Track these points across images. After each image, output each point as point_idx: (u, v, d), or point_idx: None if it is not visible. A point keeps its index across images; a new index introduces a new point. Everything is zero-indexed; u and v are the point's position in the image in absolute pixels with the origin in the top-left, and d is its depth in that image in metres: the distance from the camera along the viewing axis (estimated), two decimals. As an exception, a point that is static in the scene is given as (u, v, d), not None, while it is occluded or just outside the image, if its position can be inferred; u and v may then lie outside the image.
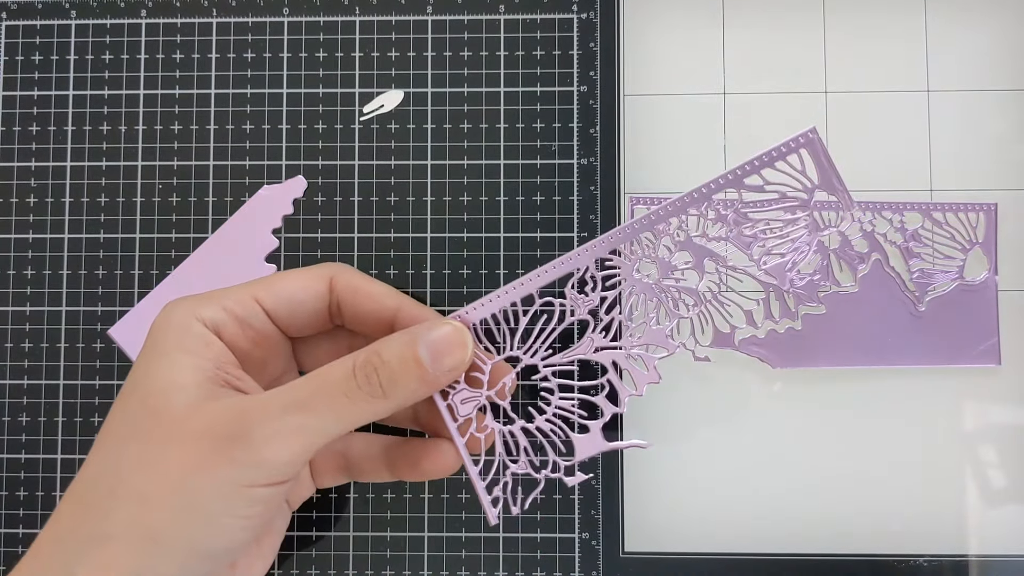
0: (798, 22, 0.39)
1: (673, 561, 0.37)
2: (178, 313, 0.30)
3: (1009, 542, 0.37)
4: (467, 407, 0.31)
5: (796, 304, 0.38)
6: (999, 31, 0.39)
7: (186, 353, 0.29)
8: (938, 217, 0.38)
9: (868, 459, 0.38)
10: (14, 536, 0.38)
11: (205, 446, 0.27)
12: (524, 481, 0.32)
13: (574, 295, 0.32)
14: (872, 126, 0.39)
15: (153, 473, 0.27)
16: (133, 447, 0.28)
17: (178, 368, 0.29)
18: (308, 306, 0.32)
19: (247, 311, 0.31)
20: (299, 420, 0.28)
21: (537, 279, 0.31)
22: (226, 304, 0.31)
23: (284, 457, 0.28)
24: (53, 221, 0.40)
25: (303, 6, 0.40)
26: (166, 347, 0.29)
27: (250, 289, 0.31)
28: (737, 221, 0.33)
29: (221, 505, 0.27)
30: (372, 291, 0.32)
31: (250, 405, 0.28)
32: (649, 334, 0.33)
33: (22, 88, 0.40)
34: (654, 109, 0.39)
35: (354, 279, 0.32)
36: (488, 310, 0.31)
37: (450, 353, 0.30)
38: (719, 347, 0.38)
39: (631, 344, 0.32)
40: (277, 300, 0.31)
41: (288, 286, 0.31)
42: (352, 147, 0.39)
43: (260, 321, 0.31)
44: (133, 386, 0.29)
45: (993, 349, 0.37)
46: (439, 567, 0.38)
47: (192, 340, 0.30)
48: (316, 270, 0.32)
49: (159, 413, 0.28)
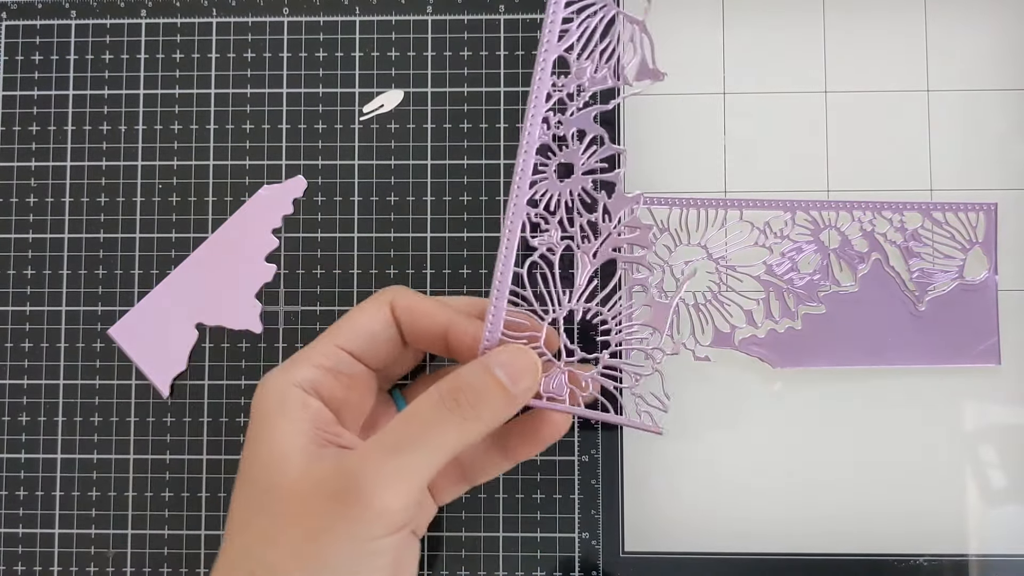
0: (798, 22, 0.39)
1: (673, 561, 0.37)
2: (272, 383, 0.32)
3: (1009, 542, 0.37)
4: (553, 382, 0.32)
5: (796, 304, 0.38)
6: (999, 31, 0.39)
7: (286, 420, 0.31)
8: (938, 217, 0.38)
9: (868, 459, 0.38)
10: (14, 536, 0.39)
11: (319, 509, 0.29)
12: (644, 391, 0.33)
13: (548, 238, 0.33)
14: (872, 126, 0.39)
15: (281, 547, 0.29)
16: (257, 523, 0.29)
17: (280, 437, 0.30)
18: (383, 335, 0.33)
19: (335, 360, 0.32)
20: (401, 462, 0.29)
21: (506, 270, 0.32)
22: (315, 361, 0.32)
23: (397, 503, 0.28)
24: (53, 221, 0.40)
25: (303, 6, 0.40)
26: (267, 419, 0.31)
27: (330, 338, 0.33)
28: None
29: (349, 564, 0.28)
30: (425, 308, 0.33)
31: (353, 459, 0.29)
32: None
33: (22, 88, 0.40)
34: (653, 109, 0.39)
35: (409, 299, 0.33)
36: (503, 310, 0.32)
37: (524, 373, 0.31)
38: (719, 347, 0.38)
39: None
40: (356, 339, 0.33)
41: (361, 322, 0.33)
42: (352, 147, 0.39)
43: (348, 365, 0.33)
44: (247, 463, 0.31)
45: (993, 349, 0.37)
46: (439, 567, 0.38)
47: (290, 406, 0.31)
48: (378, 298, 0.33)
49: (272, 486, 0.30)
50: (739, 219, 0.38)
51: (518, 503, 0.38)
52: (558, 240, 0.32)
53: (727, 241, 0.38)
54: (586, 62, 0.32)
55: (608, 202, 0.32)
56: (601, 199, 0.32)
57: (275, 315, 0.39)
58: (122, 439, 0.39)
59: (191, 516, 0.38)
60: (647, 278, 0.34)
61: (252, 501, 0.30)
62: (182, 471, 0.39)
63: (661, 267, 0.38)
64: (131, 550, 0.38)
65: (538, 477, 0.38)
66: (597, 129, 0.32)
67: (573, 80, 0.32)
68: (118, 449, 0.39)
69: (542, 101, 0.31)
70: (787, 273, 0.38)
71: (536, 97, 0.31)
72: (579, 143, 0.32)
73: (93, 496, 0.38)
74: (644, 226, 0.33)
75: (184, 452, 0.39)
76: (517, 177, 0.32)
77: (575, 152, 0.32)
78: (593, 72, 0.31)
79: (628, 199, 0.32)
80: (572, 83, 0.32)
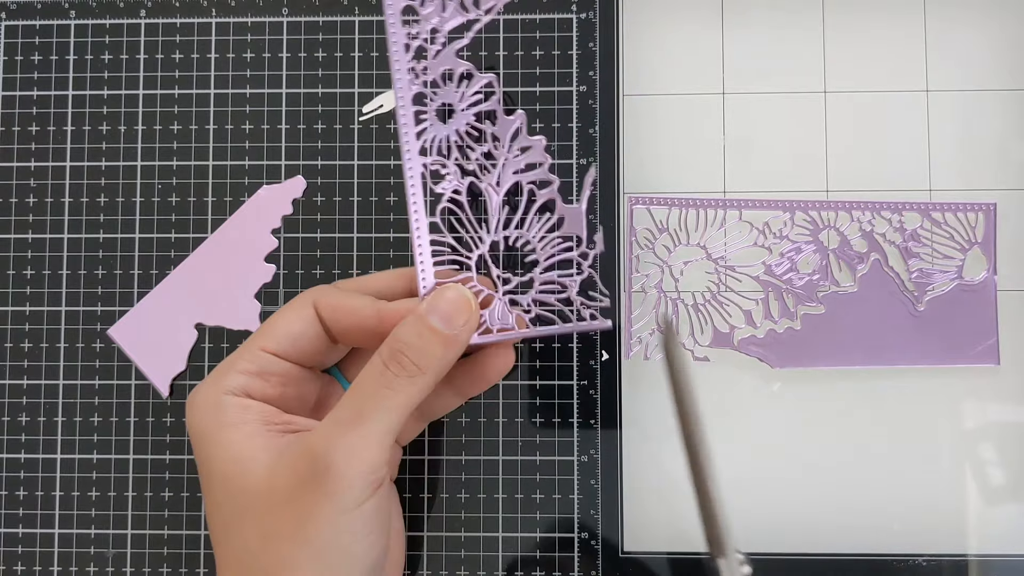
0: (798, 22, 0.39)
1: (672, 561, 0.37)
2: (203, 398, 0.32)
3: (1009, 542, 0.37)
4: (497, 313, 0.33)
5: (795, 304, 0.38)
6: (999, 31, 0.39)
7: (231, 427, 0.31)
8: (937, 217, 0.38)
9: (867, 459, 0.38)
10: (14, 536, 0.39)
11: (298, 495, 0.29)
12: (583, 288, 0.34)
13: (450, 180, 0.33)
14: (871, 126, 0.39)
15: (274, 543, 0.29)
16: (241, 533, 0.30)
17: (230, 445, 0.30)
18: (306, 335, 0.33)
19: (260, 363, 0.32)
20: (362, 431, 0.29)
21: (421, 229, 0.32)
22: (239, 367, 0.32)
23: (368, 467, 0.29)
24: (53, 221, 0.40)
25: (303, 6, 0.40)
26: (209, 435, 0.31)
27: (252, 343, 0.33)
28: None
29: (345, 533, 0.29)
30: (350, 306, 0.33)
31: (316, 440, 0.29)
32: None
33: (22, 88, 0.40)
34: (653, 109, 0.39)
35: (332, 298, 0.33)
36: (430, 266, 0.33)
37: (457, 310, 0.31)
38: (718, 347, 0.38)
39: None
40: (278, 340, 0.33)
41: (280, 325, 0.33)
42: (352, 147, 0.39)
43: (275, 365, 0.33)
44: (207, 483, 0.31)
45: (992, 349, 0.37)
46: (438, 567, 0.38)
47: (229, 414, 0.31)
48: (299, 299, 0.33)
49: (242, 493, 0.30)
50: (738, 219, 0.38)
51: (518, 503, 0.38)
52: (460, 179, 0.33)
53: (726, 241, 0.38)
54: (431, 3, 0.32)
55: (493, 130, 0.33)
56: (486, 128, 0.33)
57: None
58: (122, 439, 0.39)
59: (191, 516, 0.38)
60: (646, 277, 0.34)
61: (228, 516, 0.30)
62: (182, 471, 0.39)
63: (660, 267, 0.38)
64: (131, 550, 0.38)
65: (537, 477, 0.38)
66: (464, 64, 0.33)
67: (425, 24, 0.32)
68: (118, 449, 0.39)
69: (402, 52, 0.32)
70: (786, 273, 0.38)
71: (396, 51, 0.32)
72: (451, 82, 0.32)
73: (93, 496, 0.39)
74: (535, 140, 0.33)
75: (184, 452, 0.39)
76: (403, 132, 0.32)
77: (450, 92, 0.33)
78: (441, 12, 0.32)
79: (511, 121, 0.33)
80: (425, 28, 0.32)
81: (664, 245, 0.38)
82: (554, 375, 0.38)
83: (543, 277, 0.34)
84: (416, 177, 0.32)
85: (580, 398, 0.38)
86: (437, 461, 0.38)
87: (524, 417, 0.38)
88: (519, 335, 0.33)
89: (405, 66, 0.32)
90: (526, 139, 0.33)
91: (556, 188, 0.33)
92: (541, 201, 0.33)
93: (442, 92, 0.33)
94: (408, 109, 0.32)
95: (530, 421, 0.38)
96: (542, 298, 0.34)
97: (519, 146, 0.33)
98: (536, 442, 0.38)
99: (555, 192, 0.33)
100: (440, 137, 0.33)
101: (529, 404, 0.38)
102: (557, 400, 0.38)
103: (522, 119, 0.33)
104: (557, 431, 0.38)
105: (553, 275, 0.34)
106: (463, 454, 0.38)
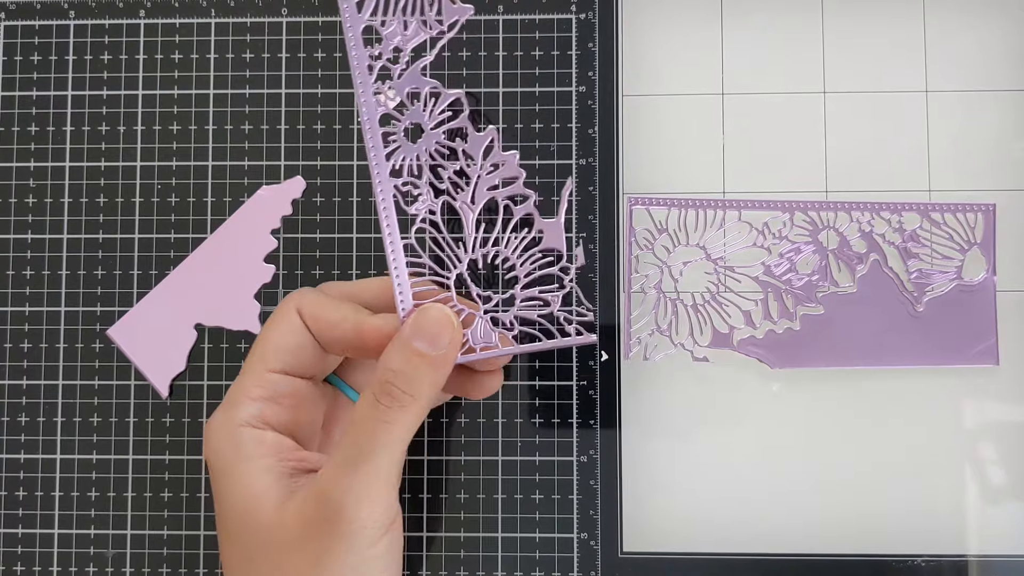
0: (798, 22, 0.39)
1: (672, 561, 0.37)
2: (220, 429, 0.31)
3: (1008, 542, 0.37)
4: (479, 332, 0.32)
5: (794, 304, 0.38)
6: (998, 31, 0.39)
7: (247, 464, 0.31)
8: (936, 217, 0.38)
9: (866, 459, 0.38)
10: (14, 536, 0.39)
11: (310, 535, 0.29)
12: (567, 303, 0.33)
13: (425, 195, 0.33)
14: (871, 126, 0.39)
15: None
16: (264, 565, 0.30)
17: (246, 482, 0.30)
18: (301, 343, 0.33)
19: (271, 387, 0.32)
20: (366, 469, 0.29)
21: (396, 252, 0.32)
22: (253, 394, 0.32)
23: (380, 507, 0.29)
24: (52, 221, 0.40)
25: (302, 6, 0.40)
26: (228, 469, 0.31)
27: (257, 366, 0.32)
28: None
29: (360, 571, 0.29)
30: (331, 318, 0.32)
31: (325, 483, 0.30)
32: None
33: (21, 88, 0.40)
34: (653, 109, 0.39)
35: (314, 307, 0.33)
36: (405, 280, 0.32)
37: (440, 330, 0.31)
38: (717, 347, 0.38)
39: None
40: (279, 357, 0.32)
41: (275, 338, 0.32)
42: (351, 147, 0.39)
43: (283, 384, 0.32)
44: (222, 519, 0.31)
45: (991, 349, 0.37)
46: (438, 567, 0.38)
47: (246, 448, 0.31)
48: (282, 308, 0.33)
49: (255, 531, 0.30)
50: (738, 220, 0.38)
51: (517, 503, 0.38)
52: (433, 199, 0.33)
53: (725, 242, 0.38)
54: (393, 22, 0.31)
55: (464, 147, 0.32)
56: (458, 146, 0.32)
57: (274, 315, 0.39)
58: (121, 439, 0.39)
59: (191, 516, 0.38)
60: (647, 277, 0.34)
61: (241, 553, 0.31)
62: (182, 471, 0.39)
63: (659, 267, 0.38)
64: (131, 550, 0.38)
65: (537, 477, 0.38)
66: (428, 83, 0.32)
67: (387, 45, 0.31)
68: (117, 449, 0.39)
69: (366, 74, 0.31)
70: (785, 274, 0.38)
71: (358, 72, 0.31)
72: (418, 102, 0.32)
73: (92, 496, 0.39)
74: (508, 156, 0.33)
75: (184, 452, 0.39)
76: (371, 154, 0.32)
77: (417, 111, 0.32)
78: (403, 30, 0.31)
79: (482, 137, 0.32)
80: (388, 48, 0.31)
81: (663, 245, 0.38)
82: (554, 375, 0.38)
83: (524, 293, 0.33)
84: (388, 199, 0.32)
85: (580, 398, 0.38)
86: (437, 461, 0.38)
87: (524, 417, 0.38)
88: (502, 352, 0.33)
89: (370, 88, 0.31)
90: (499, 155, 0.33)
91: (533, 203, 0.33)
92: (518, 216, 0.33)
93: (410, 112, 0.32)
94: (375, 131, 0.32)
95: (530, 421, 0.38)
96: (525, 315, 0.33)
97: (492, 162, 0.33)
98: (536, 442, 0.38)
99: (532, 207, 0.33)
100: (410, 157, 0.32)
101: (529, 404, 0.38)
102: (557, 400, 0.38)
103: (493, 134, 0.32)
104: (557, 431, 0.38)
105: (535, 291, 0.33)
106: (463, 454, 0.38)
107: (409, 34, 0.32)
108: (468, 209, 0.33)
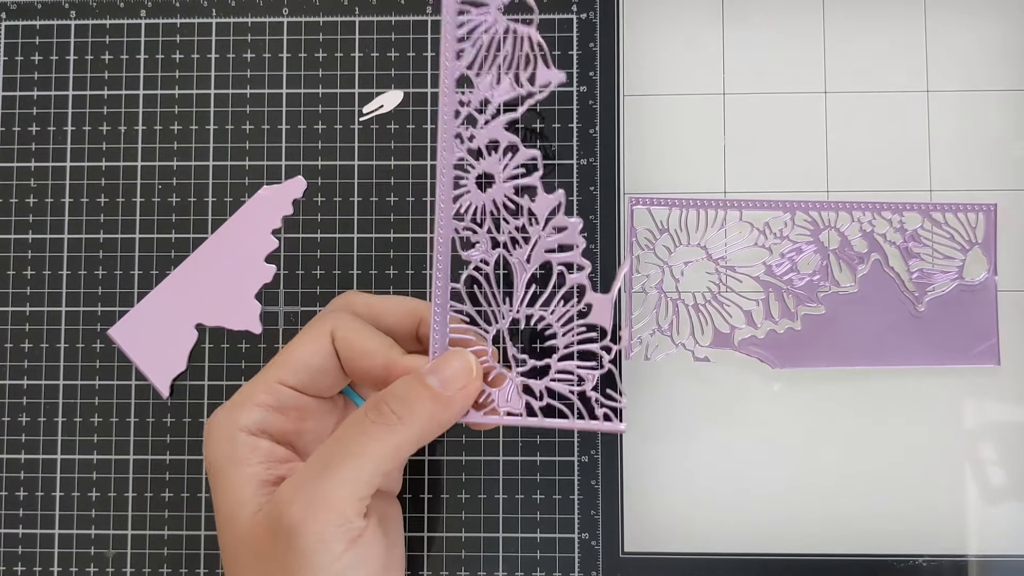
0: (798, 22, 0.39)
1: (672, 561, 0.37)
2: (220, 428, 0.32)
3: (1009, 542, 0.37)
4: (508, 394, 0.32)
5: (795, 304, 0.38)
6: (999, 31, 0.39)
7: (236, 468, 0.31)
8: (937, 217, 0.38)
9: (867, 459, 0.38)
10: (14, 536, 0.39)
11: (269, 549, 0.29)
12: (602, 389, 0.33)
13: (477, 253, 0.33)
14: (872, 126, 0.39)
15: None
16: (246, 571, 0.30)
17: (233, 487, 0.31)
18: (323, 367, 0.33)
19: (278, 398, 0.32)
20: (328, 481, 0.29)
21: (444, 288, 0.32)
22: (259, 400, 0.32)
23: (336, 519, 0.29)
24: (53, 221, 0.40)
25: (303, 6, 0.40)
26: (220, 471, 0.31)
27: (270, 375, 0.32)
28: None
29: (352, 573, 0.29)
30: (364, 347, 0.32)
31: (284, 492, 0.29)
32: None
33: (22, 88, 0.40)
34: (654, 109, 0.39)
35: (349, 332, 0.32)
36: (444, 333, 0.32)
37: (457, 376, 0.31)
38: (718, 347, 0.38)
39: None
40: (297, 374, 0.32)
41: (299, 356, 0.32)
42: (352, 147, 0.39)
43: (292, 399, 0.32)
44: (217, 512, 0.31)
45: (992, 349, 0.37)
46: (439, 567, 0.38)
47: (239, 453, 0.31)
48: (318, 326, 0.33)
49: (239, 536, 0.30)
50: (739, 220, 0.38)
51: (518, 503, 0.38)
52: (489, 250, 0.33)
53: (727, 242, 0.38)
54: (486, 75, 0.32)
55: (531, 205, 0.32)
56: (524, 203, 0.32)
57: (275, 316, 0.39)
58: (122, 439, 0.39)
59: (191, 517, 0.38)
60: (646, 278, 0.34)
61: (225, 554, 0.31)
62: (182, 471, 0.39)
63: (661, 267, 0.38)
64: (131, 550, 0.38)
65: (538, 478, 0.38)
66: (509, 137, 0.32)
67: (477, 94, 0.32)
68: (118, 450, 0.39)
69: (451, 118, 0.31)
70: (787, 274, 0.38)
71: (445, 115, 0.31)
72: (495, 153, 0.32)
73: (93, 496, 0.39)
74: (571, 223, 0.32)
75: (184, 452, 0.39)
76: (440, 194, 0.32)
77: (493, 162, 0.32)
78: (495, 83, 0.32)
79: (550, 199, 0.32)
80: (477, 97, 0.32)
81: (665, 245, 0.38)
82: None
83: (560, 365, 0.33)
84: (447, 240, 0.32)
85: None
86: (437, 461, 0.38)
87: (524, 417, 0.38)
88: (521, 422, 0.32)
89: (452, 131, 0.31)
90: (563, 219, 0.32)
91: (587, 275, 0.33)
92: (570, 285, 0.33)
93: (485, 161, 0.32)
94: (448, 173, 0.32)
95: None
96: (556, 387, 0.33)
97: (554, 225, 0.32)
98: (536, 442, 0.38)
99: (586, 279, 0.33)
100: (476, 205, 0.32)
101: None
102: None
103: (561, 199, 0.32)
104: (557, 431, 0.38)
105: (572, 364, 0.33)
106: (463, 454, 0.38)
107: (500, 89, 0.32)
108: (522, 267, 0.33)
